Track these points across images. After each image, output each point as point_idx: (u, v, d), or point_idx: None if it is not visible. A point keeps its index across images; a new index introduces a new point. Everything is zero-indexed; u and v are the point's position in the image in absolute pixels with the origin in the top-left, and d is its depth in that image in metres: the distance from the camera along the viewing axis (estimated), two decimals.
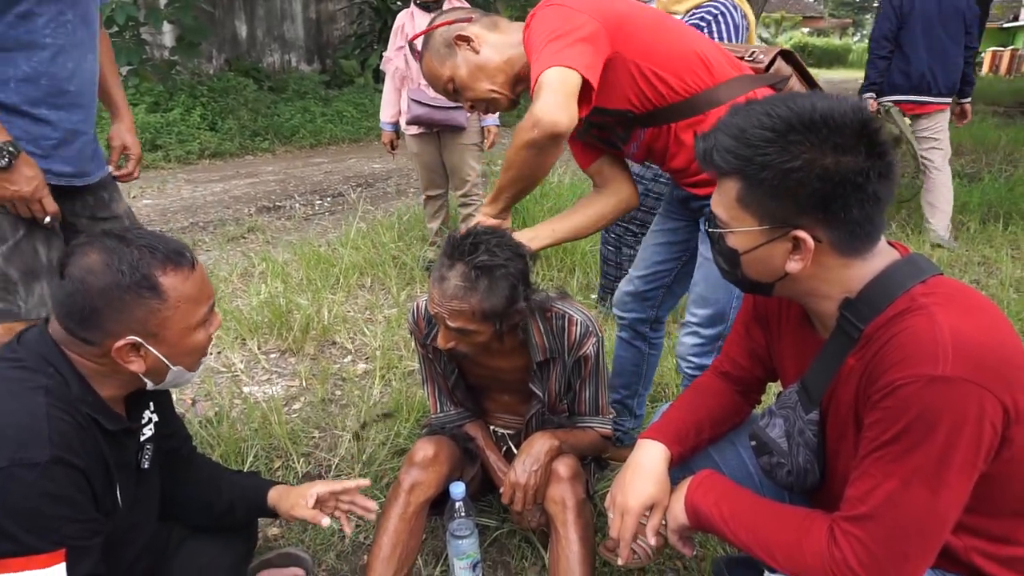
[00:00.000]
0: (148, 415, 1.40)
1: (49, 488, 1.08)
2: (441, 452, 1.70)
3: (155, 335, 1.20)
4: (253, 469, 2.17)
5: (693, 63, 1.56)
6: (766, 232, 1.05)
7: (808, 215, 1.01)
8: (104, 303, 1.15)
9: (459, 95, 1.66)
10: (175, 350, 1.24)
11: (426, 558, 1.85)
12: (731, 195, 1.06)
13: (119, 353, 1.18)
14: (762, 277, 1.11)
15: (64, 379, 1.18)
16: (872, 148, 0.98)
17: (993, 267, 4.09)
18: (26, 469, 1.06)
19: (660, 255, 2.01)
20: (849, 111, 0.99)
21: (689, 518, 1.23)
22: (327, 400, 2.62)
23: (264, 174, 7.30)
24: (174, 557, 1.49)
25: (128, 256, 1.17)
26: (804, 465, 1.20)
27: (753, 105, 1.04)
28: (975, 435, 0.92)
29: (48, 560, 1.08)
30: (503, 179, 1.56)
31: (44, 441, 1.09)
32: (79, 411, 1.17)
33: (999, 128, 8.78)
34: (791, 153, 0.98)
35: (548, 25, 1.45)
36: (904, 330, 0.98)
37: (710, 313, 1.79)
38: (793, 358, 1.27)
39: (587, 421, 1.80)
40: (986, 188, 5.37)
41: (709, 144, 1.06)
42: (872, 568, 0.97)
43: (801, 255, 1.04)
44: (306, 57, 11.98)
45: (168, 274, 1.20)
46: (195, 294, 1.24)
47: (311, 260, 3.99)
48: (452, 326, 1.51)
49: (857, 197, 0.99)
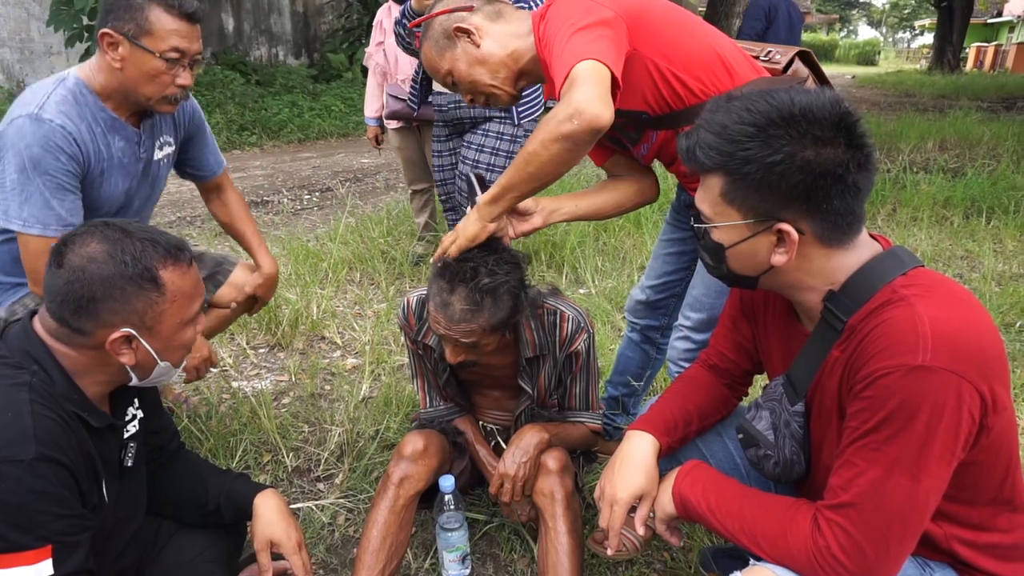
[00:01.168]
0: (133, 412, 1.39)
1: (35, 485, 1.08)
2: (430, 446, 1.70)
3: (150, 328, 1.20)
4: (242, 463, 2.17)
5: (713, 64, 1.50)
6: (751, 226, 1.07)
7: (791, 208, 1.03)
8: (104, 293, 1.15)
9: (458, 88, 1.59)
10: (166, 345, 1.24)
11: (416, 551, 1.86)
12: (715, 191, 1.08)
13: (113, 345, 1.18)
14: (747, 271, 1.13)
15: (48, 375, 1.17)
16: (851, 140, 1.00)
17: (976, 261, 4.14)
18: (11, 466, 1.06)
19: (670, 264, 1.98)
20: (827, 104, 1.01)
21: (677, 508, 1.25)
22: (316, 395, 2.62)
23: (252, 169, 7.27)
24: (163, 550, 1.49)
25: (131, 247, 1.17)
26: (791, 457, 1.22)
27: (734, 101, 1.06)
28: (954, 423, 0.95)
29: (35, 556, 1.08)
30: (515, 176, 1.39)
31: (29, 438, 1.08)
32: (63, 408, 1.17)
33: (982, 123, 8.86)
34: (772, 147, 1.00)
35: (570, 17, 1.38)
36: (885, 321, 1.00)
37: (704, 318, 1.77)
38: (779, 350, 1.29)
39: (577, 415, 1.81)
40: (969, 183, 5.42)
41: (692, 141, 1.08)
42: (855, 555, 0.98)
43: (786, 248, 1.06)
44: (294, 51, 11.92)
45: (168, 268, 1.20)
46: (190, 290, 1.25)
47: (300, 255, 3.98)
48: (463, 342, 1.50)
49: (838, 188, 1.01)
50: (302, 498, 2.07)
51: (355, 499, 2.06)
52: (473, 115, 3.14)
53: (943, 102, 13.22)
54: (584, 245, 4.06)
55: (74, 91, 1.71)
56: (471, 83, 1.55)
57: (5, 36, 8.32)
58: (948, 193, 5.21)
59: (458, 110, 3.17)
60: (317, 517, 1.97)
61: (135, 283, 1.16)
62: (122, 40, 1.64)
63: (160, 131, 1.93)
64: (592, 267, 3.82)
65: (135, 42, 1.64)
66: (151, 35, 1.64)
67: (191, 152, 2.08)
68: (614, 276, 3.75)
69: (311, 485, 2.14)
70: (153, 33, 1.64)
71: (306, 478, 2.17)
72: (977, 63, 26.59)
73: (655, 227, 4.36)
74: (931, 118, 9.85)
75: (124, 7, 1.63)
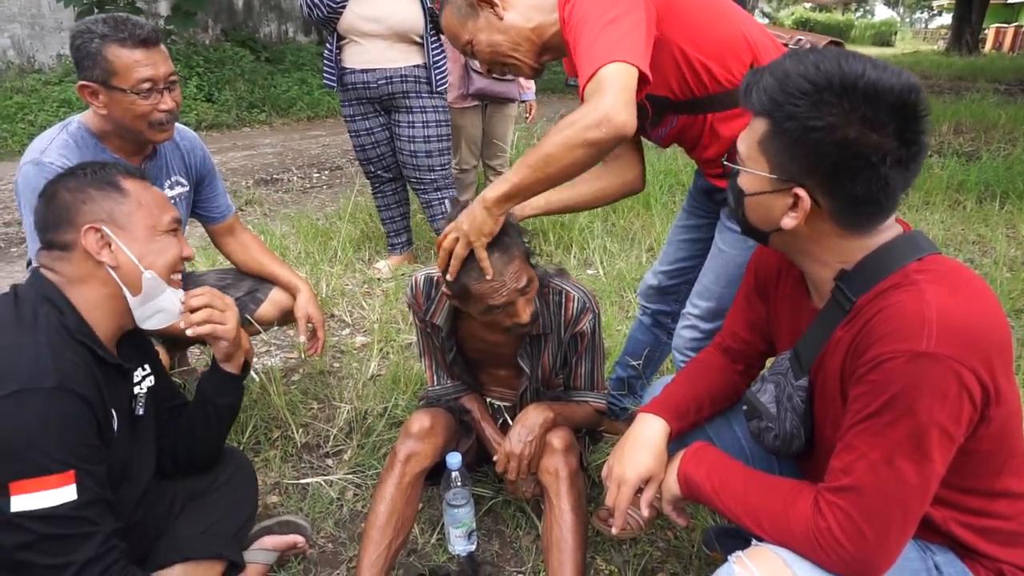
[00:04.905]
0: (143, 373, 1.46)
1: (56, 412, 1.14)
2: (437, 424, 1.72)
3: (122, 227, 1.30)
4: (252, 439, 2.20)
5: (741, 50, 1.48)
6: (772, 182, 1.06)
7: (814, 177, 1.02)
8: (73, 200, 1.29)
9: (477, 58, 1.56)
10: (144, 249, 1.32)
11: (423, 526, 1.89)
12: (756, 135, 1.06)
13: (88, 242, 1.26)
14: (760, 224, 1.13)
15: (60, 311, 1.25)
16: (904, 133, 0.96)
17: (988, 246, 4.11)
18: (32, 394, 1.12)
19: (684, 251, 1.97)
20: (898, 88, 0.95)
21: (681, 488, 1.26)
22: (326, 372, 2.65)
23: (262, 147, 7.27)
24: (176, 520, 1.52)
25: (94, 167, 1.34)
26: (790, 430, 1.22)
27: (809, 53, 1.02)
28: (955, 409, 0.95)
29: (60, 480, 1.13)
30: (531, 176, 1.35)
31: (49, 370, 1.15)
32: (77, 343, 1.24)
33: (999, 106, 8.73)
34: (818, 112, 0.97)
35: (599, 6, 1.34)
36: (892, 305, 1.00)
37: (712, 307, 1.74)
38: (788, 325, 1.29)
39: (582, 395, 1.82)
40: (984, 167, 5.36)
41: (754, 80, 1.05)
42: (856, 537, 0.99)
43: (797, 213, 1.05)
44: (303, 28, 11.83)
45: (129, 180, 1.35)
46: (155, 202, 1.37)
47: (309, 233, 3.99)
48: (521, 285, 1.51)
49: (867, 175, 0.98)
50: (311, 473, 2.10)
51: (363, 475, 2.08)
52: (405, 89, 3.34)
53: (960, 84, 13.02)
54: (592, 226, 4.05)
55: (75, 135, 1.80)
56: (492, 54, 1.53)
57: (15, 12, 8.30)
58: (962, 177, 5.15)
59: (390, 86, 3.32)
60: (326, 492, 2.01)
61: (98, 187, 1.31)
62: (97, 87, 1.71)
63: (171, 171, 2.01)
64: (600, 248, 3.81)
65: (107, 85, 1.70)
66: (117, 74, 1.69)
67: (203, 194, 2.15)
68: (622, 257, 3.74)
69: (320, 461, 2.17)
70: (118, 72, 1.69)
71: (315, 454, 2.20)
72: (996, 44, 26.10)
73: (664, 208, 4.34)
74: (947, 100, 9.70)
75: (86, 56, 1.69)
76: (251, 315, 2.14)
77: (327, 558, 1.80)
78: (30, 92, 7.72)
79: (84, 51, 1.68)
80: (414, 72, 3.33)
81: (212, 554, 1.49)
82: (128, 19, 1.71)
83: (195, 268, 3.35)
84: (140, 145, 1.86)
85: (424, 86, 3.35)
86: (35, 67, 8.44)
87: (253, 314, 2.14)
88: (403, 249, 3.79)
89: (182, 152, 2.03)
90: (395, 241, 3.78)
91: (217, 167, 2.19)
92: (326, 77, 3.42)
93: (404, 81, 3.33)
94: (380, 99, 3.37)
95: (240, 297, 2.15)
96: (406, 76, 3.32)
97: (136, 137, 1.81)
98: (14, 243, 4.37)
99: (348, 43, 3.32)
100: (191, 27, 8.74)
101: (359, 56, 3.30)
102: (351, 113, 3.46)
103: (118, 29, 1.68)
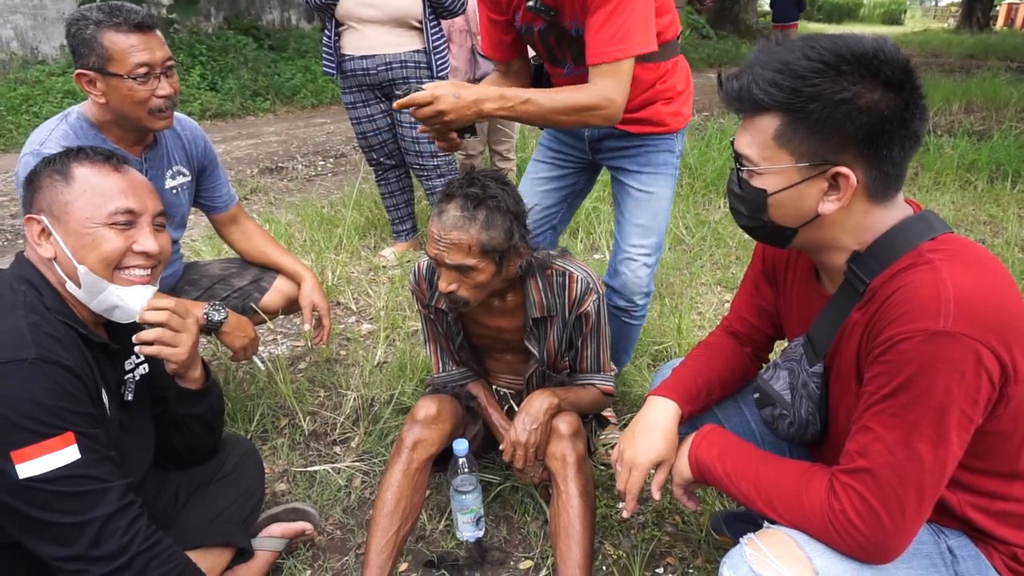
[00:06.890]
0: (137, 360, 1.45)
1: (41, 381, 1.13)
2: (444, 410, 1.71)
3: (58, 219, 1.26)
4: (260, 427, 2.20)
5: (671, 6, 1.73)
6: (803, 170, 1.02)
7: (850, 151, 0.99)
8: (33, 186, 1.28)
9: None
10: (77, 242, 1.25)
11: (431, 512, 1.88)
12: (767, 132, 1.02)
13: (30, 233, 1.26)
14: (788, 221, 1.08)
15: (39, 292, 1.25)
16: (915, 87, 0.98)
17: (999, 226, 4.06)
18: (14, 366, 1.12)
19: (550, 199, 2.11)
20: (892, 48, 0.98)
21: (692, 471, 1.25)
22: (332, 360, 2.64)
23: (266, 135, 7.24)
24: (183, 510, 1.52)
25: (69, 152, 1.30)
26: (806, 417, 1.21)
27: (789, 42, 1.01)
28: (973, 389, 0.93)
29: (60, 443, 1.13)
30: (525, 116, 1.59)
31: (28, 343, 1.14)
32: (56, 319, 1.23)
33: (1011, 84, 8.61)
34: (842, 84, 0.96)
35: None
36: (907, 284, 0.98)
37: (656, 241, 1.95)
38: (799, 312, 1.27)
39: (588, 378, 1.81)
40: (995, 146, 5.29)
41: (746, 80, 1.02)
42: (870, 520, 0.98)
43: (839, 194, 1.02)
44: (306, 15, 11.76)
45: (84, 165, 1.28)
46: (106, 189, 1.27)
47: (314, 221, 3.98)
48: (452, 263, 1.49)
49: (900, 134, 0.98)
50: (319, 461, 2.10)
51: (371, 462, 2.08)
52: (405, 75, 3.32)
53: (971, 62, 12.85)
54: (599, 210, 4.03)
55: (75, 126, 1.78)
56: None
57: (18, 3, 8.28)
58: (973, 157, 5.09)
59: (390, 71, 3.31)
60: (333, 480, 2.01)
61: (49, 175, 1.27)
62: (94, 75, 1.70)
63: (172, 161, 1.99)
64: (607, 232, 3.79)
65: (104, 72, 1.68)
66: (113, 60, 1.68)
67: (205, 184, 2.14)
68: None
69: (327, 448, 2.17)
70: (114, 57, 1.68)
71: (322, 441, 2.20)
72: (1008, 21, 25.72)
73: (677, 196, 4.30)
74: (957, 79, 9.58)
75: (82, 44, 1.68)
76: (256, 304, 2.13)
77: (335, 545, 1.80)
78: (34, 83, 7.70)
79: (80, 38, 1.67)
80: (414, 57, 3.30)
81: (221, 541, 1.49)
82: (122, 6, 1.69)
83: (200, 257, 3.35)
84: (140, 134, 1.85)
85: (424, 71, 3.32)
86: (39, 58, 8.43)
87: (258, 303, 2.13)
88: (408, 236, 3.77)
89: (183, 142, 2.01)
90: (400, 228, 3.77)
91: (220, 156, 2.18)
92: (325, 64, 3.39)
93: (404, 67, 3.29)
94: (380, 85, 3.35)
95: (245, 286, 2.14)
96: (406, 62, 3.29)
97: (135, 125, 1.79)
98: (21, 235, 4.38)
99: (346, 29, 3.28)
100: (194, 15, 8.72)
101: (358, 42, 3.27)
102: (352, 100, 3.43)
103: (113, 15, 1.66)
